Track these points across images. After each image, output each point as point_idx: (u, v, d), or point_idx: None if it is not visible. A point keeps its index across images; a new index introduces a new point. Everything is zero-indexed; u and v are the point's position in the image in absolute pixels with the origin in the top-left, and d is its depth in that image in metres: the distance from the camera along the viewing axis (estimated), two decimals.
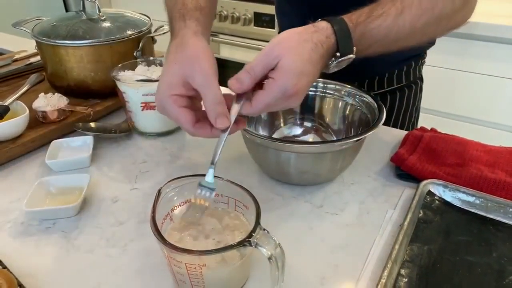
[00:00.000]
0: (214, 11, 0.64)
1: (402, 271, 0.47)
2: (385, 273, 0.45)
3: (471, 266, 0.48)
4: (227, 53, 1.99)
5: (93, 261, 0.50)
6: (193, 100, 0.50)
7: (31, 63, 1.04)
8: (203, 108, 0.48)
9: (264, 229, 0.39)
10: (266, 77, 0.46)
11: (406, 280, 0.46)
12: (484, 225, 0.54)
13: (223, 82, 0.48)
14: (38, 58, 1.05)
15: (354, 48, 0.48)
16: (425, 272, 0.47)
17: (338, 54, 0.48)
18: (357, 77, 0.79)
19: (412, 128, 0.80)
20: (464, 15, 0.57)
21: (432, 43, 0.83)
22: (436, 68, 1.47)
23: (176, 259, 0.39)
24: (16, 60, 1.08)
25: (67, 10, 2.33)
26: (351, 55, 0.48)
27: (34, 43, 0.83)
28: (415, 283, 0.45)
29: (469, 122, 1.54)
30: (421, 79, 0.90)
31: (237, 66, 2.04)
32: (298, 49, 0.45)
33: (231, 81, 0.46)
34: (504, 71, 1.41)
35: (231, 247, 0.38)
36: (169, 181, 0.45)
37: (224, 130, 0.46)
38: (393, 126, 0.83)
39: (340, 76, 0.67)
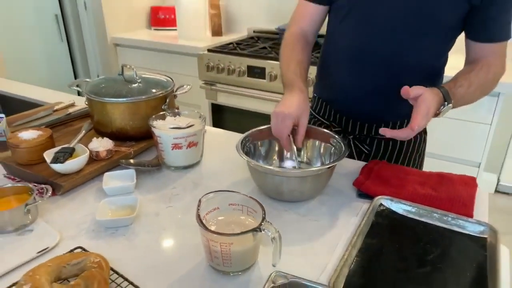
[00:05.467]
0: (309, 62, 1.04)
1: (358, 254, 0.70)
2: (346, 253, 0.69)
3: (406, 250, 0.72)
4: (223, 99, 2.26)
5: (147, 255, 0.72)
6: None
7: (70, 113, 1.28)
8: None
9: (268, 221, 0.63)
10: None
11: (359, 259, 0.69)
12: (417, 225, 0.78)
13: (220, 124, 0.71)
14: (75, 108, 1.30)
15: (452, 101, 0.84)
16: (373, 254, 0.70)
17: (445, 102, 0.84)
18: (373, 122, 1.07)
19: (420, 168, 1.13)
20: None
21: None
22: None
23: (214, 240, 0.62)
24: (55, 110, 1.32)
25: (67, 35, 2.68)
26: (450, 104, 0.84)
27: (58, 95, 1.07)
28: (365, 260, 0.69)
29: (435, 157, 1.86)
30: (425, 131, 1.10)
31: (233, 111, 2.32)
32: (432, 101, 0.82)
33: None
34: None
35: (248, 231, 0.61)
36: (205, 195, 0.69)
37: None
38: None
39: (355, 121, 1.08)
